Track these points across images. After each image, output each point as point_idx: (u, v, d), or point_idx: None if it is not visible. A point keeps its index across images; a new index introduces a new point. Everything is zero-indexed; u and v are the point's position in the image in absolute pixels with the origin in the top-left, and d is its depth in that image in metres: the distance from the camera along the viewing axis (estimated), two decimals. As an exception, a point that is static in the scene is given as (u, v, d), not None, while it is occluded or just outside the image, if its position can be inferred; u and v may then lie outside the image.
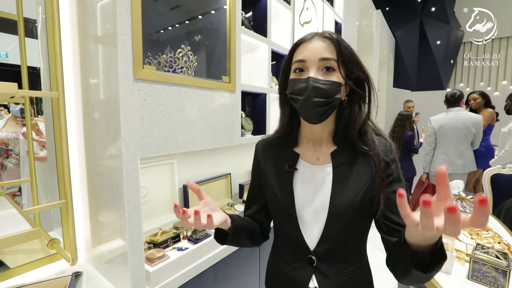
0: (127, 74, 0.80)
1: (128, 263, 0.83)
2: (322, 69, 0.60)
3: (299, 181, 0.67)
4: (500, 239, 1.26)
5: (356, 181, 0.62)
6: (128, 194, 0.82)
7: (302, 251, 0.66)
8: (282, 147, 0.72)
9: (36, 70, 0.99)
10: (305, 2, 1.93)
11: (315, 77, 0.58)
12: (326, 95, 0.58)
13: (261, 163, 0.74)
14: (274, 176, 0.70)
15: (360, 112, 0.64)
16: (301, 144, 0.71)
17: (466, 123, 2.66)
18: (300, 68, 0.61)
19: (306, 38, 0.63)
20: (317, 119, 0.61)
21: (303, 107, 0.60)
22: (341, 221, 0.62)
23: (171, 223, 1.23)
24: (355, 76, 0.62)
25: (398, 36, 5.55)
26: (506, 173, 2.05)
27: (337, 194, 0.62)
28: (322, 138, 0.68)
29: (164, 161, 1.23)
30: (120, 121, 0.79)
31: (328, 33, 0.62)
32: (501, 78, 5.72)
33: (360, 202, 0.61)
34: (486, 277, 0.99)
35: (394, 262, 0.58)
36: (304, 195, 0.65)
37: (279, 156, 0.71)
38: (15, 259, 0.92)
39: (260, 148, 0.76)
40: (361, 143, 0.63)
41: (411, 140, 3.30)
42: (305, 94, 0.58)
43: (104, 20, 0.82)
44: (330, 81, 0.59)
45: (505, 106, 2.70)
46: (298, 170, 0.67)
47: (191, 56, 1.07)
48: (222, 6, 1.21)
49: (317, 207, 0.64)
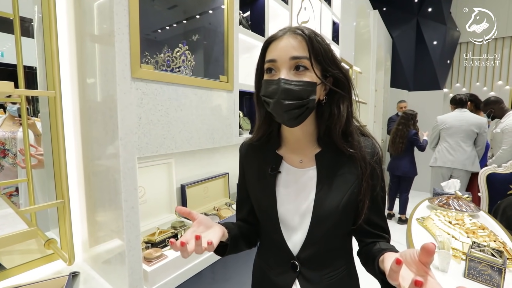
0: (125, 73, 0.80)
1: (126, 263, 0.83)
2: (294, 68, 0.56)
3: (282, 184, 0.64)
4: (495, 237, 1.27)
5: (341, 184, 0.60)
6: (126, 194, 0.82)
7: (285, 256, 0.64)
8: (265, 149, 0.69)
9: (32, 69, 0.98)
10: (303, 1, 1.93)
11: (286, 78, 0.55)
12: (298, 97, 0.55)
13: (245, 166, 0.73)
14: (257, 179, 0.68)
15: (340, 113, 0.60)
16: (284, 146, 0.68)
17: (470, 122, 2.79)
18: (271, 68, 0.58)
19: (277, 36, 0.59)
20: (292, 122, 0.58)
21: (275, 111, 0.57)
22: (326, 225, 0.60)
23: (168, 223, 1.23)
24: (331, 74, 0.58)
25: (395, 36, 5.58)
26: (502, 172, 2.07)
27: (322, 197, 0.60)
28: (304, 140, 0.65)
29: (162, 160, 1.22)
30: (117, 120, 0.78)
31: (300, 28, 0.58)
32: (496, 79, 5.77)
33: (345, 206, 0.60)
34: (482, 275, 1.00)
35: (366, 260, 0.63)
36: (287, 199, 0.63)
37: (262, 159, 0.68)
38: (11, 260, 0.92)
39: (243, 151, 0.74)
40: (346, 146, 0.61)
41: (416, 138, 3.33)
42: (275, 97, 0.55)
43: (102, 19, 0.82)
44: (303, 82, 0.55)
45: (489, 114, 2.77)
46: (281, 173, 0.65)
47: (188, 56, 1.07)
48: (219, 5, 1.21)
49: (301, 211, 0.62)
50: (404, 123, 3.38)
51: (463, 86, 6.06)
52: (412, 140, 3.35)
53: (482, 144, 2.82)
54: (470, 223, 1.38)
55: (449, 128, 2.90)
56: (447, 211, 1.59)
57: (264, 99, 0.60)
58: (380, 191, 0.64)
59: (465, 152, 2.82)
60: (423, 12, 5.54)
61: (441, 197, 1.81)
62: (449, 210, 1.62)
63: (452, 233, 1.31)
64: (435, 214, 1.53)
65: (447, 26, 5.45)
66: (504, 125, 2.55)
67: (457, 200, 1.72)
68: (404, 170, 3.45)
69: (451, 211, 1.59)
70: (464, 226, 1.36)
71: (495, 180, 2.08)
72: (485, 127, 2.76)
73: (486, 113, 2.79)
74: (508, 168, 2.04)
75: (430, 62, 5.61)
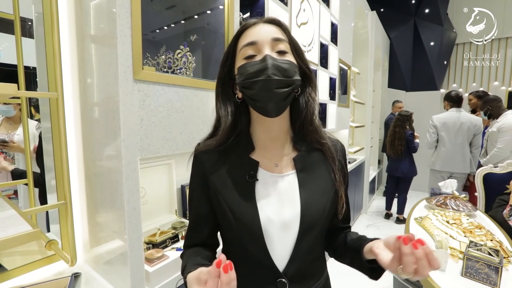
0: (127, 75, 0.80)
1: (128, 264, 0.84)
2: (276, 51, 0.53)
3: (260, 193, 0.57)
4: (492, 236, 1.29)
5: (323, 185, 0.58)
6: (128, 195, 0.82)
7: (269, 276, 0.56)
8: (232, 155, 0.60)
9: (29, 69, 0.98)
10: (302, 3, 1.94)
11: (272, 55, 0.52)
12: (287, 75, 0.51)
13: (209, 176, 0.60)
14: (230, 190, 0.57)
15: (314, 101, 0.59)
16: (256, 150, 0.60)
17: (467, 123, 2.81)
18: (251, 53, 0.53)
19: (251, 23, 0.56)
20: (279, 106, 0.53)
21: (264, 90, 0.50)
22: (314, 232, 0.56)
23: (169, 224, 1.23)
24: (301, 66, 0.57)
25: (392, 37, 5.62)
26: (498, 172, 2.09)
27: (308, 202, 0.56)
28: (279, 140, 0.60)
29: (163, 161, 1.23)
30: (120, 121, 0.79)
31: (274, 18, 0.57)
32: (493, 79, 5.83)
33: (330, 207, 0.58)
34: (479, 274, 1.02)
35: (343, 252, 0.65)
36: (269, 208, 0.56)
37: (232, 165, 0.59)
38: (13, 261, 0.92)
39: (204, 157, 0.62)
40: (317, 136, 0.60)
41: (411, 139, 3.35)
42: (264, 74, 0.50)
43: (103, 21, 0.82)
44: (289, 61, 0.53)
45: (486, 111, 2.75)
46: (258, 181, 0.58)
47: (189, 57, 1.07)
48: (218, 6, 1.21)
49: (286, 221, 0.55)
50: (401, 124, 3.41)
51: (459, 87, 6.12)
52: (408, 140, 3.37)
53: (478, 144, 2.85)
54: (467, 222, 1.40)
55: (447, 130, 2.90)
56: (445, 211, 1.61)
57: (244, 84, 0.53)
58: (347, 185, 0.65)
59: (463, 155, 2.83)
60: (420, 13, 5.59)
61: (439, 197, 1.83)
62: (447, 210, 1.64)
63: (450, 233, 1.32)
64: (432, 213, 1.55)
65: (444, 27, 5.50)
66: (500, 124, 2.57)
67: (454, 200, 1.74)
68: (404, 171, 3.46)
69: (448, 211, 1.61)
70: (462, 225, 1.38)
71: (491, 180, 2.11)
72: (481, 127, 2.79)
73: (483, 111, 2.78)
74: (504, 168, 2.07)
75: (427, 62, 5.66)
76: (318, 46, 2.26)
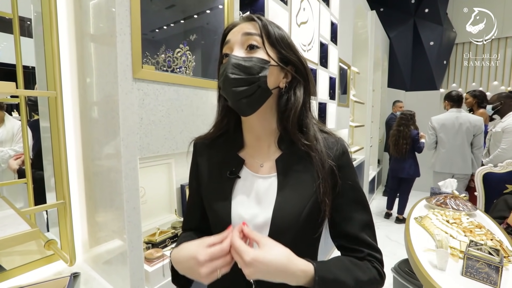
0: (126, 73, 0.80)
1: (127, 263, 0.83)
2: (247, 47, 0.53)
3: (239, 191, 0.57)
4: (492, 236, 1.29)
5: (303, 191, 0.54)
6: (127, 194, 0.82)
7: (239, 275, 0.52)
8: (224, 149, 0.62)
9: (27, 69, 0.97)
10: (302, 2, 1.94)
11: (236, 54, 0.53)
12: (247, 72, 0.51)
13: (199, 164, 0.64)
14: (211, 183, 0.60)
15: (296, 98, 0.55)
16: (245, 149, 0.61)
17: (467, 124, 2.78)
18: (227, 52, 0.55)
19: (234, 23, 0.57)
20: (244, 104, 0.52)
21: (224, 90, 0.53)
22: (284, 240, 0.51)
23: (169, 223, 1.23)
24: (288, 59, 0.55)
25: (392, 37, 5.63)
26: (498, 172, 2.09)
27: (281, 207, 0.53)
28: (265, 140, 0.59)
29: (162, 160, 1.22)
30: (119, 120, 0.79)
31: (252, 15, 0.56)
32: (492, 79, 5.83)
33: (308, 214, 0.53)
34: (479, 273, 1.02)
35: None
36: (243, 209, 0.55)
37: (218, 159, 0.61)
38: (11, 261, 0.91)
39: (198, 147, 0.66)
40: (301, 137, 0.55)
41: (417, 139, 3.33)
42: (224, 73, 0.52)
43: (103, 20, 0.82)
44: (254, 57, 0.52)
45: (495, 106, 2.64)
46: (240, 179, 0.58)
47: (189, 56, 1.07)
48: (217, 5, 1.21)
49: (258, 223, 0.54)
50: (405, 123, 3.39)
51: (459, 86, 6.13)
52: (414, 140, 3.34)
53: (480, 144, 2.81)
54: (467, 222, 1.40)
55: (445, 131, 2.87)
56: (445, 210, 1.60)
57: (218, 84, 0.57)
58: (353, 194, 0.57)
59: (463, 155, 2.80)
60: (420, 13, 5.59)
61: (439, 196, 1.83)
62: (447, 209, 1.64)
63: (450, 232, 1.32)
64: (432, 213, 1.55)
65: (443, 27, 5.50)
66: (505, 124, 2.53)
67: (454, 199, 1.74)
68: (409, 172, 3.42)
69: (448, 210, 1.61)
70: (462, 225, 1.38)
71: (491, 179, 2.11)
72: (482, 127, 2.76)
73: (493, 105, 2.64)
74: (504, 168, 2.07)
75: (426, 62, 5.67)
76: (318, 45, 2.26)
